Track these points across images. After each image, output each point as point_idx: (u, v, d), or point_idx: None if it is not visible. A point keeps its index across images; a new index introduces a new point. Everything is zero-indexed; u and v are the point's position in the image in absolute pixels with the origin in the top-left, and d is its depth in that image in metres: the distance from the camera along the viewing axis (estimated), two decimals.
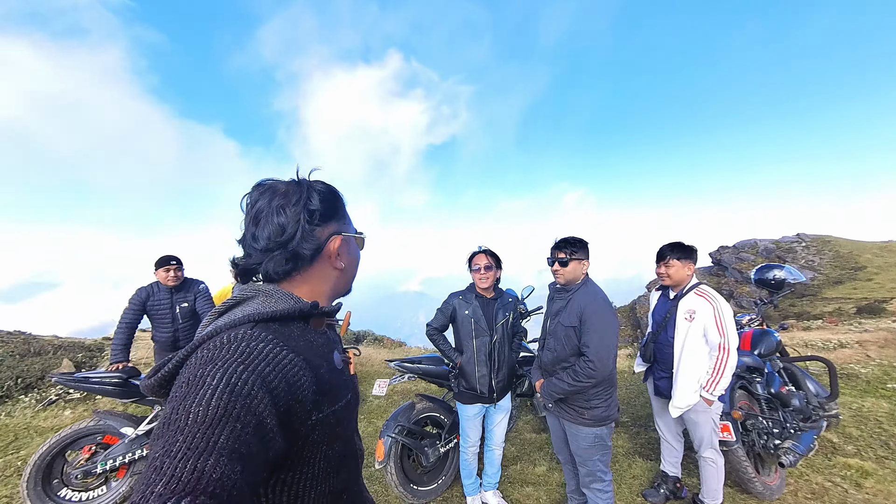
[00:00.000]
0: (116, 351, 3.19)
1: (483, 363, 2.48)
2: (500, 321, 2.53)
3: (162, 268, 3.40)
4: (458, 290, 2.65)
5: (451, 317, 2.57)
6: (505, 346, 2.55)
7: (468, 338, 2.50)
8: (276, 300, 0.68)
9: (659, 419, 2.69)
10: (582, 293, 2.10)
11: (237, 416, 0.48)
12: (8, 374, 4.95)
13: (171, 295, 3.47)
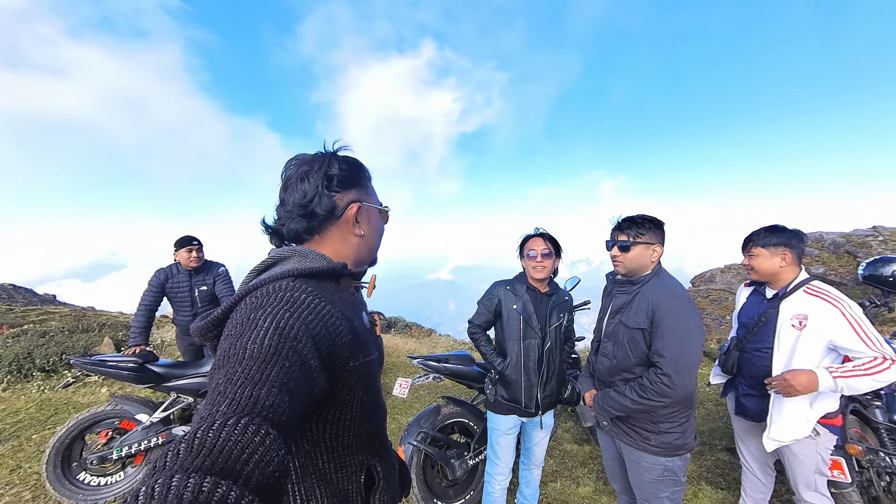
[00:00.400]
0: (135, 334, 3.10)
1: (531, 372, 2.05)
2: (555, 323, 2.07)
3: (183, 248, 3.26)
4: (505, 279, 2.19)
5: (496, 311, 2.13)
6: (556, 353, 2.10)
7: (514, 339, 2.06)
8: (311, 259, 0.76)
9: (742, 444, 2.17)
10: (653, 287, 1.64)
11: (286, 355, 0.55)
12: (55, 350, 5.17)
13: (190, 277, 3.33)
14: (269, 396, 0.49)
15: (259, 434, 0.44)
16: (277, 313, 0.59)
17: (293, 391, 0.53)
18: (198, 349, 3.53)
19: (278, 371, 0.53)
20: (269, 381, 0.51)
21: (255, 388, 0.49)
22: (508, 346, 2.08)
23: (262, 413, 0.47)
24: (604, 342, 1.81)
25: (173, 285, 3.29)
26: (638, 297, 1.66)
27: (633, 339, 1.64)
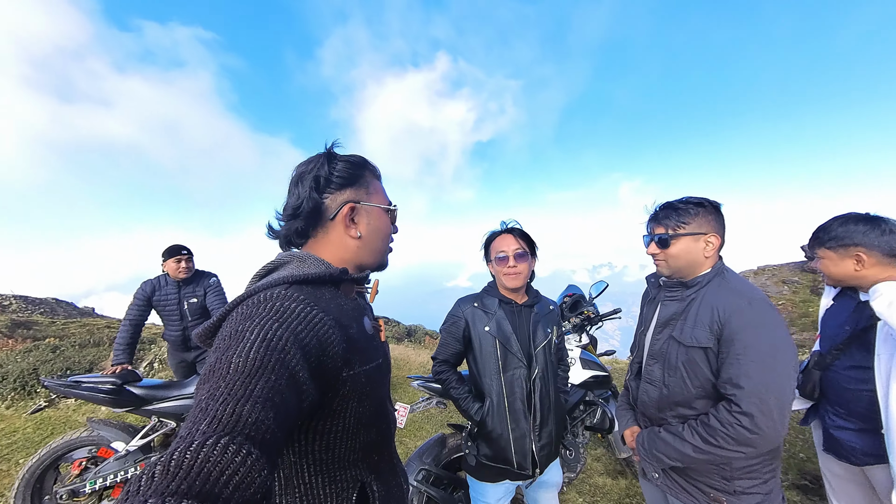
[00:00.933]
0: (118, 351, 2.86)
1: (520, 416, 1.54)
2: (541, 342, 1.59)
3: (172, 258, 3.02)
4: (472, 293, 1.71)
5: (464, 338, 1.65)
6: (549, 383, 1.61)
7: (491, 373, 1.57)
8: (309, 265, 0.75)
9: (833, 490, 1.69)
10: (717, 291, 1.23)
11: (272, 369, 0.53)
12: (60, 366, 5.08)
13: (178, 289, 3.09)
14: (253, 413, 0.48)
15: (240, 454, 0.42)
16: (265, 324, 0.58)
17: (279, 406, 0.51)
18: (190, 365, 3.28)
19: (263, 385, 0.51)
20: (252, 396, 0.49)
21: (237, 404, 0.48)
22: (485, 384, 1.58)
23: (245, 431, 0.46)
24: (648, 364, 1.39)
25: (161, 298, 3.06)
26: (695, 304, 1.25)
27: (692, 361, 1.23)
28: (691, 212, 1.25)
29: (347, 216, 0.81)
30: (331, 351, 0.65)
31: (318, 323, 0.64)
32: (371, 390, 0.75)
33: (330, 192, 0.80)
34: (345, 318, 0.72)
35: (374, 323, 0.88)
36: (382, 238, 0.88)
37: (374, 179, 0.88)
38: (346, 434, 0.72)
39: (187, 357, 3.25)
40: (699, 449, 1.16)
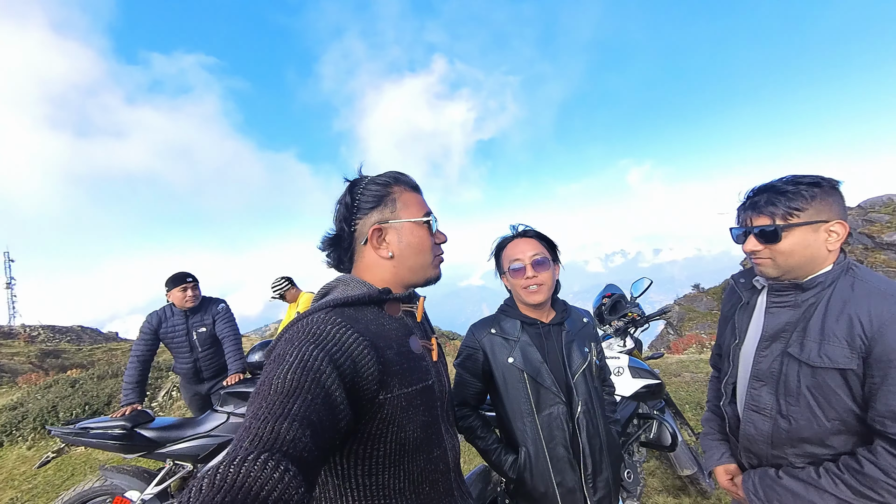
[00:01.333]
0: (127, 391, 2.69)
1: (564, 465, 1.25)
2: (580, 367, 1.29)
3: (177, 287, 2.84)
4: (487, 316, 1.42)
5: (483, 373, 1.36)
6: (598, 416, 1.30)
7: (523, 415, 1.28)
8: (352, 287, 0.79)
9: None
10: (851, 294, 0.95)
11: (308, 388, 0.56)
12: (79, 401, 4.98)
13: (186, 319, 2.91)
14: (290, 431, 0.50)
15: (278, 471, 0.45)
16: (303, 347, 0.62)
17: (315, 424, 0.54)
18: (205, 398, 3.10)
19: (300, 405, 0.54)
20: (290, 415, 0.52)
21: (276, 422, 0.50)
22: (517, 429, 1.28)
23: (283, 449, 0.48)
24: (753, 388, 1.10)
25: (168, 329, 2.88)
26: (819, 312, 0.97)
27: (823, 386, 0.95)
28: (806, 194, 0.95)
29: (376, 238, 0.82)
30: (365, 372, 0.66)
31: (352, 344, 0.66)
32: (415, 414, 0.73)
33: (359, 217, 0.83)
34: (383, 339, 0.73)
35: (425, 342, 0.85)
36: (418, 252, 0.86)
37: (406, 193, 0.86)
38: (389, 460, 0.71)
39: (201, 389, 3.07)
40: (853, 500, 0.89)
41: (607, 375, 1.52)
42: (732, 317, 1.23)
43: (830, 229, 0.96)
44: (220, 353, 3.04)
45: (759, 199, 1.02)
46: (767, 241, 1.01)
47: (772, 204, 0.99)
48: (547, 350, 1.31)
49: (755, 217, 1.03)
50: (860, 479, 0.87)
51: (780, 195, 0.98)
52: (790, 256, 0.99)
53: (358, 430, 0.68)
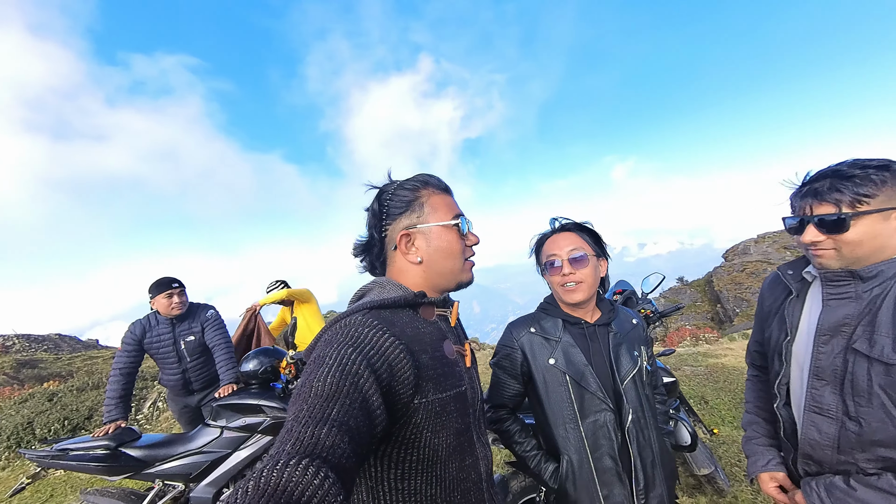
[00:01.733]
0: (110, 406, 2.49)
1: (611, 477, 1.14)
2: (629, 372, 1.19)
3: (162, 293, 2.64)
4: (525, 315, 1.33)
5: (522, 374, 1.28)
6: (650, 426, 1.20)
7: (565, 421, 1.18)
8: (388, 290, 0.79)
9: None
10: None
11: (346, 393, 0.58)
12: (57, 416, 4.70)
13: (172, 327, 2.72)
14: (330, 436, 0.51)
15: (318, 477, 0.46)
16: (341, 350, 0.63)
17: (353, 430, 0.55)
18: (195, 410, 2.91)
19: (339, 409, 0.55)
20: (329, 419, 0.53)
21: (316, 427, 0.52)
22: (559, 436, 1.19)
23: (322, 454, 0.49)
24: (814, 387, 1.01)
25: (153, 339, 2.69)
26: (889, 303, 0.89)
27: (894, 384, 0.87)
28: (876, 179, 0.86)
29: (404, 243, 0.82)
30: (402, 376, 0.67)
31: (388, 347, 0.66)
32: (448, 420, 0.73)
33: (388, 224, 0.84)
34: (418, 343, 0.73)
35: (459, 347, 0.85)
36: (447, 256, 0.85)
37: (435, 195, 0.86)
38: (422, 465, 0.71)
39: (190, 402, 2.89)
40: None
41: (659, 382, 1.41)
42: (779, 311, 1.14)
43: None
44: (210, 363, 2.86)
45: (821, 186, 0.92)
46: (831, 231, 0.92)
47: (837, 190, 0.90)
48: (592, 352, 1.21)
49: (816, 205, 0.93)
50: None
51: (846, 180, 0.89)
52: (858, 247, 0.90)
53: (392, 434, 0.68)
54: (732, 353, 5.33)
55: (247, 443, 2.44)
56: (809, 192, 0.95)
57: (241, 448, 2.42)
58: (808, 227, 0.95)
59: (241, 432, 2.42)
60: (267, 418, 2.42)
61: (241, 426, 2.42)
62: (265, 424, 2.42)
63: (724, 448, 2.91)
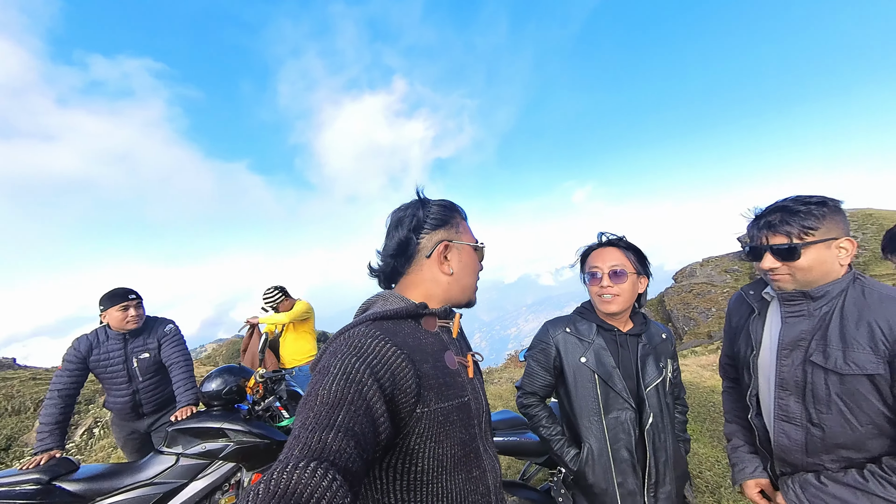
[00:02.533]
0: (43, 433, 2.19)
1: (626, 467, 1.28)
2: (654, 381, 1.31)
3: (117, 305, 2.40)
4: (563, 315, 1.48)
5: (555, 368, 1.41)
6: (667, 431, 1.32)
7: (590, 414, 1.31)
8: (391, 302, 0.83)
9: None
10: (864, 301, 1.00)
11: (351, 400, 0.60)
12: None
13: (124, 344, 2.47)
14: (336, 441, 0.53)
15: (326, 479, 0.47)
16: (346, 359, 0.65)
17: (359, 435, 0.56)
18: (143, 437, 2.63)
19: (344, 415, 0.57)
20: (336, 425, 0.55)
21: (323, 432, 0.54)
22: (582, 426, 1.32)
23: (330, 458, 0.51)
24: (780, 397, 1.12)
25: (100, 357, 2.42)
26: (835, 319, 1.02)
27: (853, 392, 0.98)
28: (817, 214, 1.01)
29: (441, 254, 0.87)
30: (404, 385, 0.68)
31: (391, 357, 0.68)
32: (452, 431, 0.75)
33: (426, 232, 0.87)
34: (420, 352, 0.75)
35: (461, 359, 0.87)
36: (471, 274, 0.92)
37: (463, 220, 0.93)
38: (427, 476, 0.71)
39: (139, 426, 2.61)
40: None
41: (681, 394, 1.51)
42: (745, 327, 1.26)
43: (840, 245, 1.02)
44: (164, 383, 2.62)
45: (774, 219, 1.06)
46: (785, 259, 1.05)
47: (787, 223, 1.04)
48: (621, 357, 1.34)
49: (771, 236, 1.07)
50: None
51: (794, 215, 1.03)
52: (809, 272, 1.04)
53: (397, 445, 0.69)
54: (687, 368, 5.67)
55: (206, 471, 2.24)
56: (764, 224, 1.08)
57: (199, 477, 2.22)
58: (765, 255, 1.08)
59: (199, 459, 2.22)
60: (230, 443, 2.24)
61: (200, 453, 2.22)
62: (228, 450, 2.23)
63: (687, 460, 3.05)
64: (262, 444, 2.27)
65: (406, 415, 0.69)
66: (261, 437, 2.26)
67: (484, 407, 0.90)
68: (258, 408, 2.37)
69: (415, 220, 0.86)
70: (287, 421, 2.48)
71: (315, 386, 0.62)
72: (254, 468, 2.31)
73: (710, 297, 24.46)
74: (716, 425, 3.67)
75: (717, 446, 3.26)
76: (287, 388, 2.63)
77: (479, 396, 0.88)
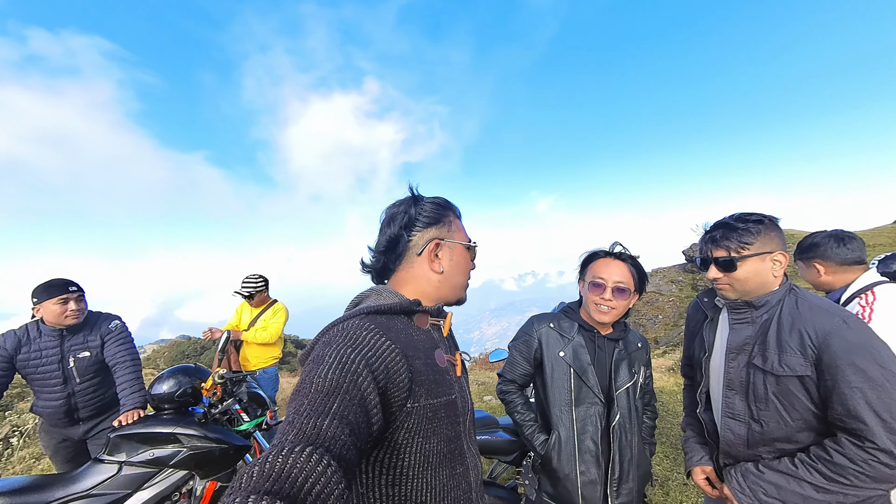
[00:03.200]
0: None
1: (591, 458, 1.36)
2: (625, 383, 1.41)
3: (55, 298, 2.15)
4: (548, 312, 1.58)
5: (535, 359, 1.50)
6: (633, 431, 1.41)
7: (561, 404, 1.40)
8: (384, 297, 0.83)
9: None
10: (797, 310, 1.13)
11: (346, 389, 0.60)
12: None
13: (60, 341, 2.23)
14: (331, 428, 0.54)
15: (321, 464, 0.48)
16: (341, 350, 0.66)
17: (353, 424, 0.57)
18: (77, 445, 2.38)
19: (339, 403, 0.58)
20: (331, 413, 0.56)
21: (318, 418, 0.54)
22: (554, 415, 1.42)
23: (325, 444, 0.52)
24: (727, 396, 1.24)
25: (31, 355, 2.16)
26: (773, 326, 1.15)
27: (786, 392, 1.10)
28: (753, 230, 1.15)
29: (432, 252, 0.87)
30: (397, 378, 0.69)
31: (385, 350, 0.69)
32: (439, 427, 0.76)
33: (418, 230, 0.87)
34: (412, 348, 0.75)
35: (450, 357, 0.88)
36: (463, 273, 0.93)
37: (456, 219, 0.94)
38: (413, 471, 0.72)
39: (73, 433, 2.35)
40: (823, 489, 1.02)
41: (652, 401, 1.61)
42: (699, 332, 1.39)
43: (774, 259, 1.16)
44: (105, 385, 2.39)
45: (717, 234, 1.20)
46: (725, 270, 1.19)
47: (726, 238, 1.17)
48: (597, 357, 1.43)
49: (714, 249, 1.21)
50: (831, 468, 1.02)
51: (732, 231, 1.17)
52: (745, 283, 1.17)
53: (385, 439, 0.70)
54: None
55: (153, 480, 2.06)
56: (710, 238, 1.22)
57: (145, 487, 2.04)
58: (710, 266, 1.21)
59: (146, 467, 2.04)
60: (183, 449, 2.08)
61: (147, 460, 2.04)
62: (180, 456, 2.07)
63: None
64: (219, 449, 2.13)
65: (397, 409, 0.69)
66: (217, 442, 2.13)
67: (469, 405, 0.92)
68: (215, 411, 2.23)
69: (406, 218, 0.87)
70: (247, 425, 2.35)
71: (310, 374, 0.62)
72: (208, 476, 2.16)
73: (657, 305, 26.29)
74: (664, 423, 3.95)
75: (665, 443, 3.50)
76: (248, 391, 2.49)
77: (465, 395, 0.90)
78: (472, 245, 0.94)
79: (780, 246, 1.16)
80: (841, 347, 1.02)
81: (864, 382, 0.98)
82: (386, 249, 0.87)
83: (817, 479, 1.03)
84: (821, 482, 1.03)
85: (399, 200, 0.91)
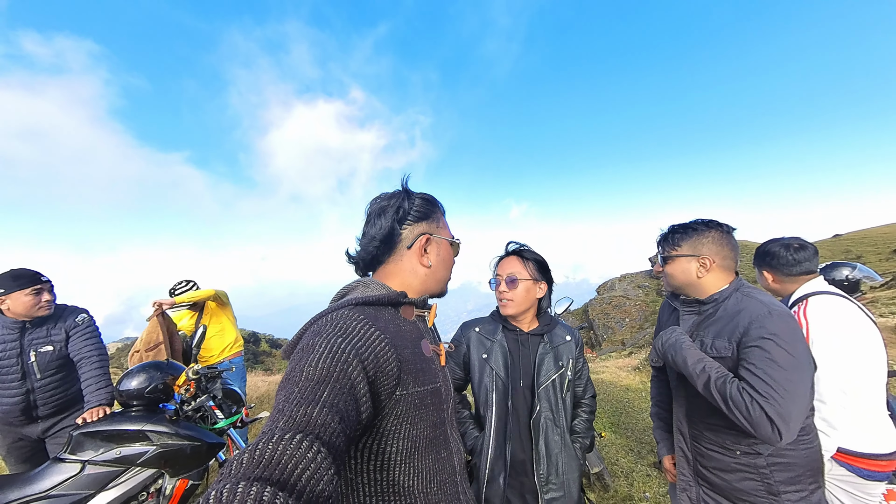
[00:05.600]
0: None
1: (497, 456, 1.40)
2: (549, 377, 1.42)
3: (26, 289, 2.04)
4: (478, 318, 1.61)
5: (464, 363, 1.55)
6: (559, 428, 1.41)
7: (486, 405, 1.45)
8: (371, 289, 0.84)
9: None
10: (737, 304, 1.26)
11: (336, 378, 0.61)
12: None
13: (20, 334, 2.11)
14: (321, 416, 0.55)
15: (311, 450, 0.48)
16: (331, 339, 0.66)
17: (342, 412, 0.58)
18: (35, 444, 2.26)
19: (329, 392, 0.59)
20: (321, 401, 0.57)
21: (308, 406, 0.55)
22: (481, 414, 1.48)
23: (315, 431, 0.52)
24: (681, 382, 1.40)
25: None
26: (715, 318, 1.30)
27: None
28: (687, 235, 1.35)
29: (422, 246, 0.89)
30: (386, 367, 0.70)
31: (375, 339, 0.70)
32: (426, 414, 0.78)
33: (408, 223, 0.89)
34: (400, 338, 0.78)
35: (434, 347, 0.92)
36: (447, 268, 0.96)
37: (442, 215, 0.96)
38: (400, 457, 0.74)
39: (31, 432, 2.23)
40: (708, 390, 1.17)
41: (587, 394, 1.59)
42: (667, 324, 1.53)
43: (701, 262, 1.31)
44: (68, 382, 2.28)
45: (664, 235, 1.42)
46: (663, 265, 1.40)
47: (665, 239, 1.40)
48: (521, 355, 1.47)
49: (659, 247, 1.43)
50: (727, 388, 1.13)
51: (671, 234, 1.38)
52: (673, 278, 1.38)
53: (373, 426, 0.72)
54: (608, 370, 6.31)
55: (118, 479, 1.99)
56: (660, 239, 1.43)
57: (110, 487, 1.96)
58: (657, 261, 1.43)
59: (112, 466, 1.96)
60: (153, 447, 2.02)
61: (113, 459, 1.96)
62: (149, 454, 2.01)
63: (606, 449, 3.42)
64: (190, 447, 2.07)
65: (386, 397, 0.71)
66: (189, 440, 2.07)
67: (452, 393, 0.96)
68: (188, 408, 2.18)
69: (400, 211, 0.87)
70: (222, 423, 2.30)
71: (300, 363, 0.62)
72: (178, 474, 2.10)
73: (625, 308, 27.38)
74: (629, 419, 4.16)
75: (630, 437, 3.69)
76: (223, 387, 2.44)
77: (448, 383, 0.93)
78: (456, 242, 0.98)
79: (713, 251, 1.30)
80: (757, 333, 1.14)
81: (767, 364, 1.10)
82: (375, 241, 0.88)
83: (712, 387, 1.15)
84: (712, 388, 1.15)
85: (389, 193, 0.91)
